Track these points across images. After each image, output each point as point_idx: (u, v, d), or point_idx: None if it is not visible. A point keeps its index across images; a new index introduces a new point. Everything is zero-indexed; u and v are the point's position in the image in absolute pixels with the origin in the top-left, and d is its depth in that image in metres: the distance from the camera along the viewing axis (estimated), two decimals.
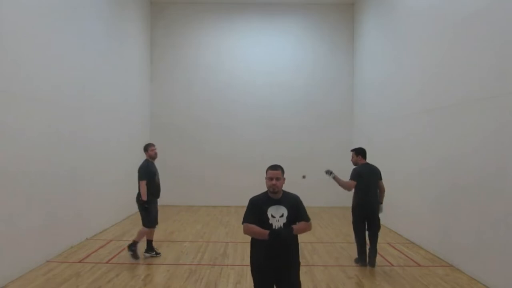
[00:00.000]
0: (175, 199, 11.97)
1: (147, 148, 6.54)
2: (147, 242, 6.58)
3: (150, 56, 12.26)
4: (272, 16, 12.41)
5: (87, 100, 7.75)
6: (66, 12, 6.91)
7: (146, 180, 6.26)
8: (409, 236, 7.93)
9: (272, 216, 3.35)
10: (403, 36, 8.52)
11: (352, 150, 6.46)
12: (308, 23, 12.45)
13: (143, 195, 6.23)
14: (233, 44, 12.37)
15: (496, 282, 5.17)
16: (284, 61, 12.38)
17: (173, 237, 8.04)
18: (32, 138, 5.83)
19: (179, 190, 12.07)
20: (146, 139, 11.92)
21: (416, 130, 7.65)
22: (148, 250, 6.58)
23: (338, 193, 12.07)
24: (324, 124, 12.35)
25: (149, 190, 6.29)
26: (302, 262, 6.52)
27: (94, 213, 7.92)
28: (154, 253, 6.59)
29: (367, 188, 6.11)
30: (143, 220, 6.43)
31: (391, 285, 5.42)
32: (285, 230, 3.30)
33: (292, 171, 12.01)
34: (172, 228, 8.82)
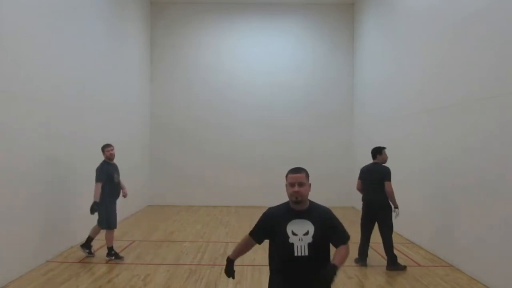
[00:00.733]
0: (175, 199, 11.98)
1: (104, 149, 6.46)
2: (87, 238, 6.47)
3: (150, 56, 12.25)
4: (272, 16, 12.40)
5: (87, 100, 7.74)
6: (66, 12, 6.91)
7: (101, 182, 6.18)
8: (409, 236, 7.92)
9: (293, 234, 2.66)
10: (403, 36, 8.51)
11: None
12: (308, 23, 12.44)
13: (95, 196, 6.15)
14: (233, 44, 12.36)
15: (496, 282, 5.16)
16: (284, 61, 12.37)
17: (173, 237, 8.04)
18: (32, 138, 5.82)
19: (179, 190, 12.07)
20: (146, 139, 11.93)
21: (416, 130, 7.65)
22: (84, 246, 6.43)
23: (338, 193, 12.15)
24: (324, 124, 12.34)
25: (107, 192, 6.20)
26: None
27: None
28: (88, 251, 6.44)
29: (369, 187, 6.18)
30: (103, 221, 6.30)
31: (391, 285, 5.42)
32: (329, 272, 2.53)
33: None
34: (172, 228, 8.82)
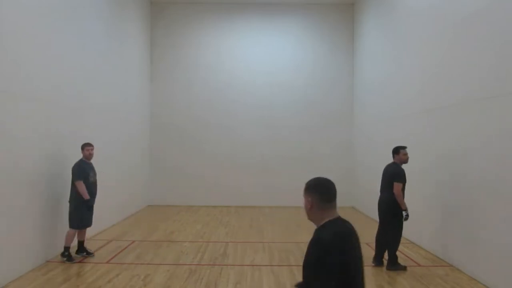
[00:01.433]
0: (175, 199, 11.97)
1: (83, 147, 6.42)
2: (78, 244, 6.46)
3: (150, 56, 12.25)
4: (272, 16, 12.40)
5: (87, 100, 7.74)
6: (66, 12, 6.91)
7: (82, 180, 6.17)
8: (409, 236, 7.92)
9: None
10: (403, 36, 8.51)
11: None
12: (308, 23, 12.44)
13: (84, 194, 6.14)
14: (233, 44, 12.36)
15: (496, 282, 5.16)
16: (284, 61, 12.37)
17: (173, 237, 8.04)
18: (32, 138, 5.82)
19: (179, 190, 12.07)
20: (146, 139, 11.93)
21: (416, 130, 7.65)
22: (79, 251, 6.44)
23: (338, 193, 12.08)
24: (324, 124, 12.33)
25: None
26: (302, 262, 6.55)
27: (94, 213, 7.89)
28: (85, 253, 6.45)
29: (381, 186, 6.29)
30: (70, 220, 6.24)
31: (391, 285, 5.42)
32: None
33: (292, 171, 12.16)
34: (172, 228, 8.82)
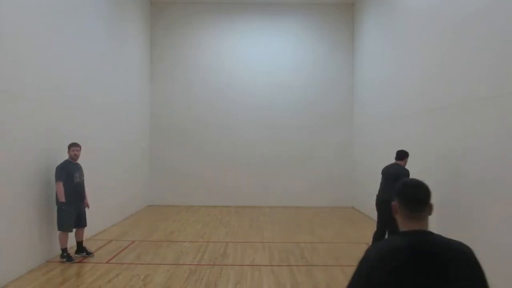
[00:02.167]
0: (175, 199, 11.97)
1: (69, 147, 6.30)
2: (77, 244, 6.43)
3: (150, 56, 12.25)
4: (272, 16, 12.40)
5: (87, 100, 7.74)
6: (66, 12, 6.91)
7: (62, 181, 6.02)
8: None
9: None
10: (403, 36, 8.51)
11: None
12: (308, 23, 12.44)
13: (60, 196, 5.99)
14: (233, 44, 12.36)
15: (496, 282, 5.15)
16: (284, 61, 12.36)
17: (173, 237, 8.04)
18: (32, 138, 5.82)
19: (179, 190, 12.07)
20: (146, 139, 11.93)
21: (416, 130, 7.65)
22: (78, 251, 6.41)
23: (338, 193, 12.15)
24: (324, 124, 12.33)
25: (65, 192, 6.02)
26: (302, 262, 6.59)
27: (94, 213, 7.90)
28: (85, 253, 6.42)
29: (380, 187, 6.43)
30: (57, 223, 6.13)
31: None
32: None
33: (292, 171, 12.17)
34: (172, 228, 8.82)
